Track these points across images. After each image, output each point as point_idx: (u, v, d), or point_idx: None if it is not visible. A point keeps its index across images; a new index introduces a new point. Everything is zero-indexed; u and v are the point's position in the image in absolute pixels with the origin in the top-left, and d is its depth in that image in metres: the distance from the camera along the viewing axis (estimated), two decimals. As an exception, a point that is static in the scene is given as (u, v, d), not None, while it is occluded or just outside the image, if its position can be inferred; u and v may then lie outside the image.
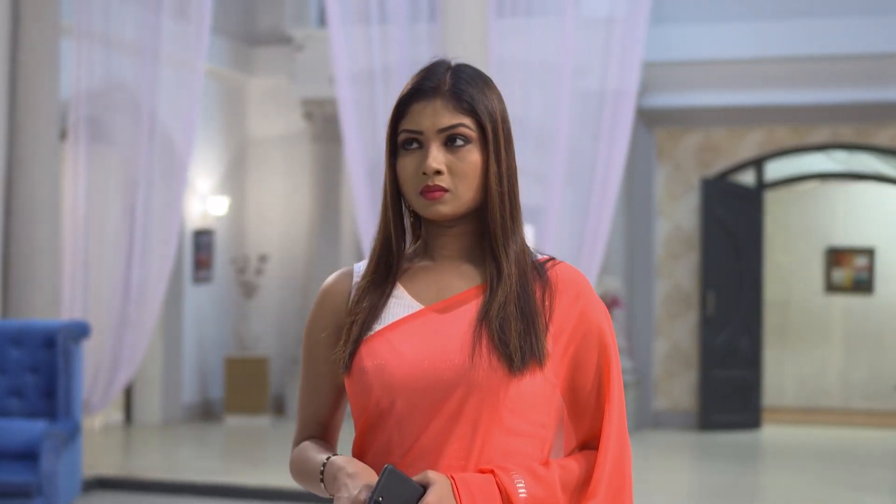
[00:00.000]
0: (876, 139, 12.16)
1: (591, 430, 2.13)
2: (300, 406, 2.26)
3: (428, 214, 2.09)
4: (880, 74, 11.77)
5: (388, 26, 8.44)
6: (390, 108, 7.35)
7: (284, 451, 10.88)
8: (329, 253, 13.01)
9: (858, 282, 15.03)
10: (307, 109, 12.92)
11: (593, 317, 2.12)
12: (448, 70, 2.11)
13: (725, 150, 12.47)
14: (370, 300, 2.12)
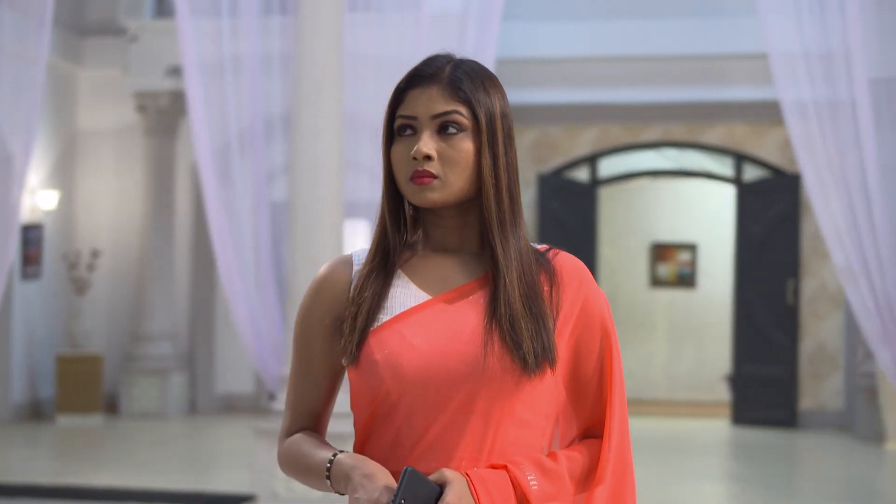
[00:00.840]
0: (705, 138, 12.54)
1: (592, 417, 2.15)
2: (292, 397, 2.21)
3: (417, 201, 2.08)
4: (710, 74, 12.14)
5: (239, 18, 8.34)
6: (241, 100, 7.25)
7: (119, 451, 10.71)
8: (163, 248, 12.79)
9: (682, 276, 15.48)
10: (140, 102, 12.67)
11: (595, 305, 2.14)
12: (450, 62, 2.12)
13: (561, 147, 12.69)
14: (374, 289, 2.10)
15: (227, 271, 8.26)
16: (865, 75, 7.68)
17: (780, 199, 12.30)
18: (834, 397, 12.30)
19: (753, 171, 12.66)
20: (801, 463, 11.06)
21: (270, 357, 8.16)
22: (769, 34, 8.03)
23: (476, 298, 2.09)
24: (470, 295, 2.10)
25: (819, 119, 7.82)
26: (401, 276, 2.13)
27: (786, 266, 12.30)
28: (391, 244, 2.14)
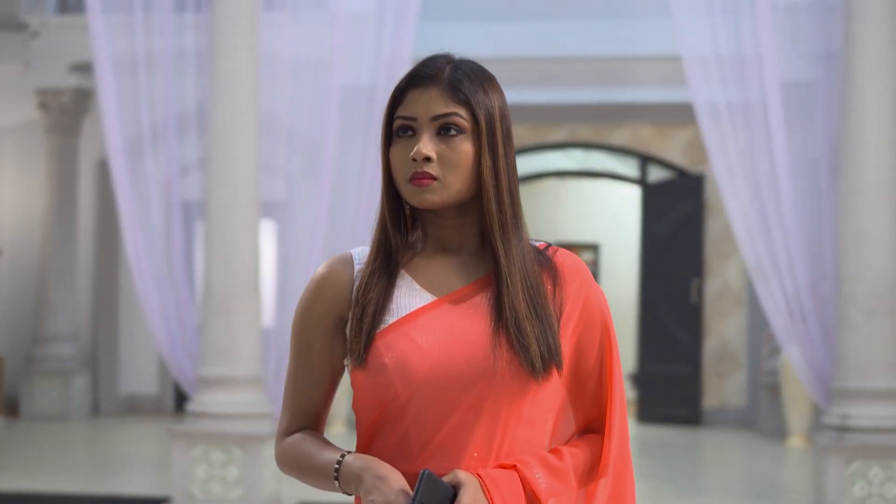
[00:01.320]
0: (611, 139, 12.68)
1: (592, 413, 2.17)
2: (290, 397, 2.19)
3: (415, 202, 2.07)
4: (617, 76, 12.27)
5: (152, 14, 8.23)
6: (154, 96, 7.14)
7: (22, 454, 10.49)
8: (65, 247, 12.58)
9: (585, 276, 15.60)
10: (42, 99, 12.45)
11: (596, 302, 2.15)
12: (449, 62, 2.11)
13: (467, 147, 12.73)
14: (378, 290, 2.09)
15: (138, 270, 8.14)
16: (776, 77, 7.83)
17: (685, 199, 12.49)
18: (737, 395, 12.52)
19: (658, 172, 12.83)
20: (706, 460, 11.24)
21: (185, 358, 8.06)
22: (683, 36, 8.14)
23: (480, 299, 2.09)
24: (475, 295, 2.10)
25: (731, 120, 7.95)
26: (404, 277, 2.12)
27: (690, 266, 12.49)
28: (393, 244, 2.13)
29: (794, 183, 7.84)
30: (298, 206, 8.25)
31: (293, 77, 8.21)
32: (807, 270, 7.84)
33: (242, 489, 7.55)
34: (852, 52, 7.44)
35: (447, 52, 2.14)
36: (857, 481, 7.23)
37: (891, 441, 7.27)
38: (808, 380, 7.82)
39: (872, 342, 7.32)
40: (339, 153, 8.13)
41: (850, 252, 7.39)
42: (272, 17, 8.20)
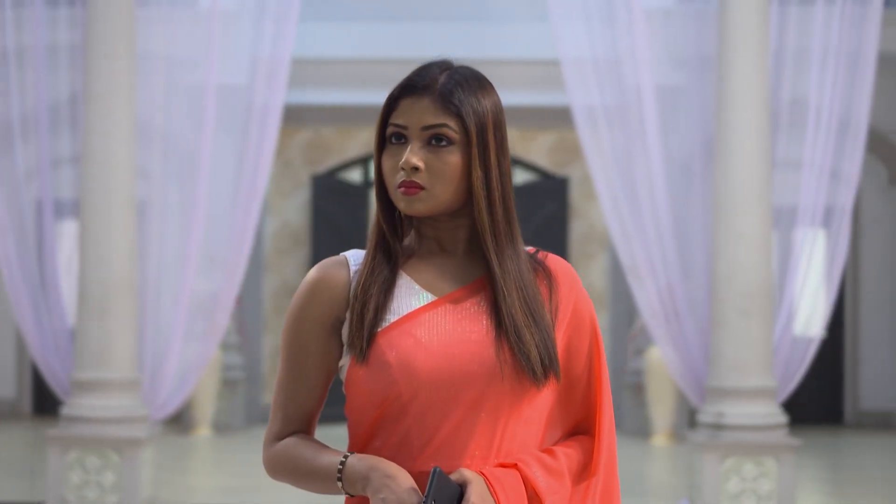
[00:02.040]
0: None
1: (580, 414, 2.20)
2: (283, 400, 2.18)
3: (403, 210, 2.10)
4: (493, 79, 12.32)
5: (23, 9, 8.01)
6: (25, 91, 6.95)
7: None
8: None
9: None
10: None
11: (585, 306, 2.20)
12: (445, 70, 2.13)
13: (334, 148, 12.69)
14: (379, 287, 2.10)
15: (8, 270, 7.91)
16: (651, 81, 7.97)
17: (549, 201, 12.64)
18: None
19: (522, 174, 12.96)
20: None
21: (57, 362, 7.86)
22: (560, 40, 8.23)
23: (478, 301, 2.12)
24: (472, 297, 2.12)
25: (608, 122, 8.08)
26: (403, 277, 2.14)
27: (572, 266, 12.66)
28: (390, 245, 2.15)
29: (668, 184, 8.00)
30: (173, 207, 8.09)
31: (168, 80, 8.06)
32: (680, 271, 8.01)
33: (118, 495, 7.40)
34: (725, 57, 7.62)
35: (445, 59, 2.17)
36: (731, 477, 7.42)
37: (763, 438, 7.47)
38: (683, 379, 7.98)
39: (746, 341, 7.50)
40: (214, 153, 8.01)
41: (723, 253, 7.56)
42: (147, 15, 8.04)
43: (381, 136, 2.14)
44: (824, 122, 7.87)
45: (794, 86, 8.00)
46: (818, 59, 7.92)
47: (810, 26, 7.97)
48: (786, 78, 7.98)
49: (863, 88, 7.90)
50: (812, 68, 7.93)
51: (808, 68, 7.95)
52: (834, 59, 7.88)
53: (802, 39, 8.00)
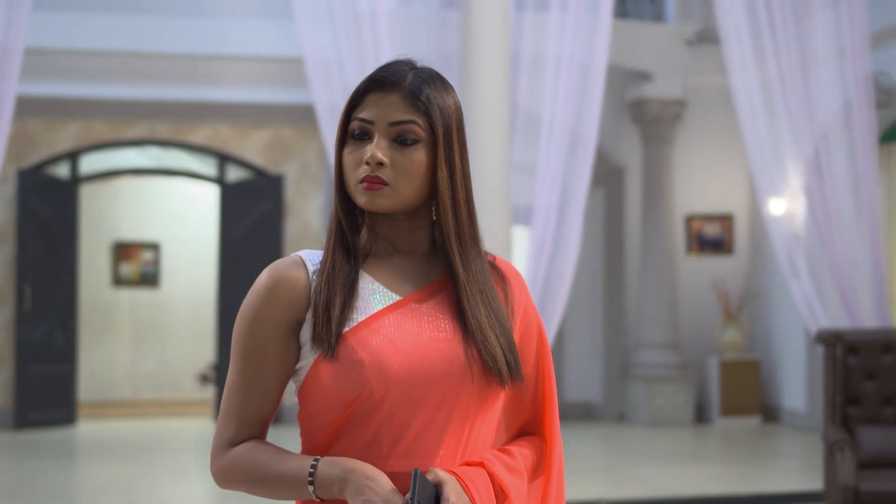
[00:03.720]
0: (191, 137, 12.55)
1: (528, 415, 2.23)
2: (237, 405, 2.09)
3: (364, 205, 2.07)
4: (198, 74, 12.17)
5: None
6: None
7: None
8: None
9: (145, 275, 15.37)
10: None
11: (532, 308, 2.23)
12: (412, 69, 2.11)
13: (41, 142, 12.20)
14: (341, 288, 2.06)
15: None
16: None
17: (264, 199, 12.57)
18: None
19: (237, 172, 12.84)
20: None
21: None
22: (304, 39, 8.24)
23: (441, 301, 2.11)
24: (434, 297, 2.12)
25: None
26: (364, 276, 2.11)
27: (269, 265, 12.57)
28: (350, 244, 2.12)
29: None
30: None
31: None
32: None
33: None
34: (468, 60, 7.81)
35: (408, 58, 2.14)
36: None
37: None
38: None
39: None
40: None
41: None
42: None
43: (342, 131, 2.11)
44: (557, 130, 8.17)
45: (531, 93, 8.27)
46: (552, 67, 8.23)
47: (545, 34, 8.27)
48: (522, 84, 8.23)
49: (593, 97, 8.25)
50: (546, 76, 8.23)
51: (543, 76, 8.25)
52: (567, 67, 8.21)
53: (537, 47, 8.29)
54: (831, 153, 8.79)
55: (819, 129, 8.77)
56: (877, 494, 6.75)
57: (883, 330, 7.85)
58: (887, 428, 7.32)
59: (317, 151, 12.57)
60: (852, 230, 8.85)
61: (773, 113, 8.87)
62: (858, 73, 8.67)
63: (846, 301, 8.69)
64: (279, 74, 12.13)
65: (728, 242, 13.35)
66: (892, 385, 7.42)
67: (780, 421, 12.71)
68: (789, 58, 8.78)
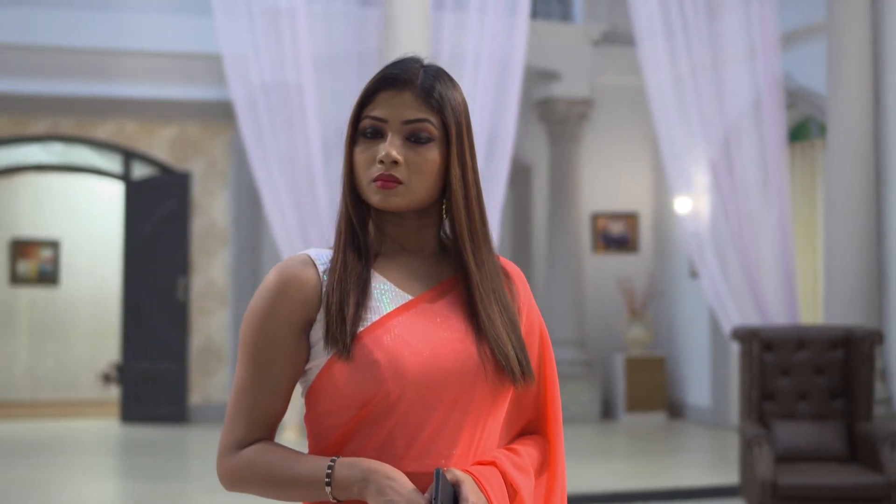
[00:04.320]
0: (95, 133, 12.35)
1: (530, 414, 2.23)
2: (246, 406, 2.06)
3: (378, 203, 2.05)
4: (103, 70, 11.97)
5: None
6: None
7: None
8: None
9: (44, 273, 15.09)
10: None
11: (534, 308, 2.23)
12: (421, 66, 2.09)
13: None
14: (354, 287, 2.04)
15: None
16: (312, 78, 8.06)
17: (170, 197, 12.42)
18: (222, 391, 12.63)
19: (143, 168, 12.67)
20: (198, 456, 11.22)
21: None
22: (221, 35, 8.18)
23: (452, 301, 2.10)
24: (445, 296, 2.11)
25: (270, 118, 8.09)
26: (375, 276, 2.09)
27: (175, 263, 12.44)
28: (361, 242, 2.10)
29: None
30: None
31: None
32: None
33: None
34: (387, 56, 7.80)
35: (415, 55, 2.13)
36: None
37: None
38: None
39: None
40: None
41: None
42: None
43: (353, 129, 2.09)
44: (476, 130, 8.22)
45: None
46: (471, 67, 8.26)
47: (463, 34, 8.30)
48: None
49: (510, 98, 8.31)
50: (465, 76, 8.27)
51: (461, 76, 8.28)
52: (485, 67, 8.24)
53: (456, 47, 8.32)
54: (742, 151, 8.96)
55: (730, 126, 8.92)
56: (795, 487, 6.89)
57: (797, 327, 8.01)
58: (801, 423, 7.48)
59: (224, 148, 12.45)
60: (762, 228, 9.02)
61: (686, 111, 9.01)
62: (768, 73, 8.85)
63: (757, 298, 8.85)
64: (186, 70, 11.99)
65: (633, 240, 13.51)
66: (805, 381, 7.58)
67: (685, 417, 12.90)
68: (701, 56, 8.92)
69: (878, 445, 7.05)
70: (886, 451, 7.02)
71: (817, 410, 7.55)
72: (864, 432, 7.29)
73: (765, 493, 6.89)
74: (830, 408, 7.55)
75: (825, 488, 6.92)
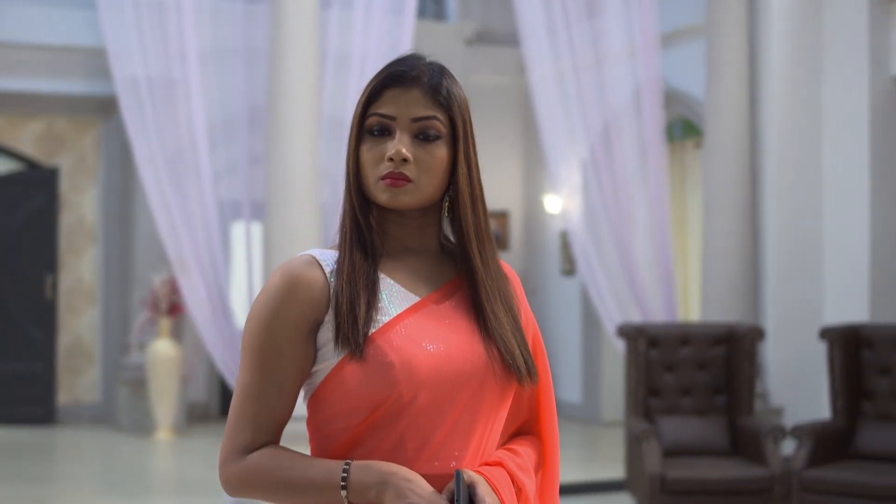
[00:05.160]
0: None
1: (526, 415, 2.22)
2: (250, 410, 2.02)
3: (387, 202, 2.04)
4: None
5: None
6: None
7: None
8: None
9: None
10: None
11: (528, 308, 2.24)
12: (426, 63, 2.08)
13: None
14: (363, 288, 2.02)
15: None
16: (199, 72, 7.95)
17: (37, 193, 12.12)
18: (91, 391, 12.38)
19: (8, 163, 12.34)
20: (67, 458, 10.99)
21: None
22: (106, 29, 8.04)
23: (457, 300, 2.10)
24: (450, 297, 2.10)
25: (154, 107, 7.97)
26: (382, 276, 2.07)
27: (43, 261, 12.15)
28: (368, 242, 2.08)
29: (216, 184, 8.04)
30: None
31: None
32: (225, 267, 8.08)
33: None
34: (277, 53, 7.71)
35: (416, 51, 2.13)
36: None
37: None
38: (231, 372, 8.01)
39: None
40: None
41: (280, 247, 7.64)
42: None
43: (358, 126, 2.07)
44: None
45: (335, 95, 8.25)
46: (357, 67, 8.23)
47: (350, 32, 8.27)
48: (327, 86, 8.20)
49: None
50: (352, 74, 8.24)
51: (348, 76, 8.25)
52: (372, 68, 8.22)
53: (343, 44, 8.29)
54: (623, 149, 9.11)
55: (611, 123, 9.07)
56: (684, 481, 7.05)
57: (680, 324, 8.19)
58: (685, 418, 7.65)
59: (94, 144, 12.20)
60: (641, 226, 9.19)
61: (568, 108, 9.13)
62: (648, 72, 9.02)
63: (637, 296, 9.02)
64: (54, 63, 11.69)
65: (504, 238, 13.63)
66: (689, 377, 7.75)
67: (558, 413, 13.04)
68: (584, 54, 9.05)
69: (762, 439, 7.25)
70: (770, 445, 7.22)
71: (700, 406, 7.73)
72: (747, 427, 7.49)
73: (654, 487, 7.03)
74: (713, 403, 7.74)
75: (712, 482, 7.10)
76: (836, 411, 7.51)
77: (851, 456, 7.36)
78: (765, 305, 9.10)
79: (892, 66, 8.71)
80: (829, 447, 7.30)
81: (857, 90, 8.73)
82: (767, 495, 7.10)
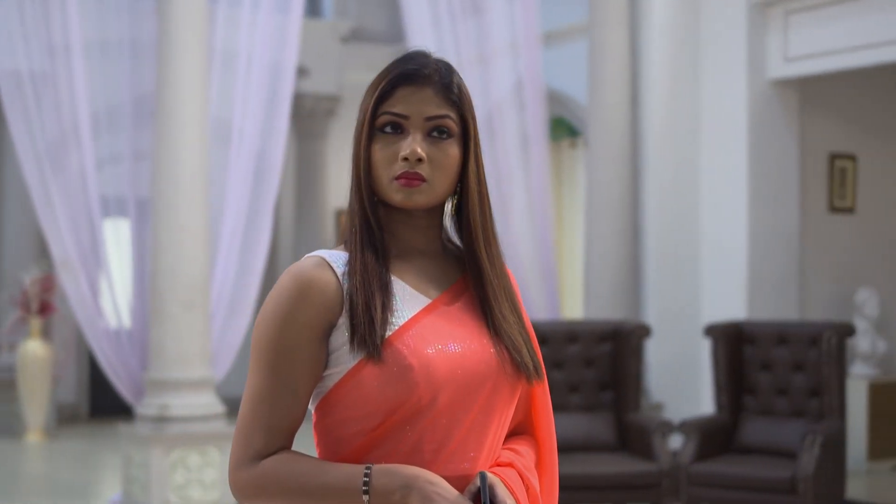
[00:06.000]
0: None
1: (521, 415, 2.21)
2: (263, 415, 1.98)
3: (401, 202, 2.02)
4: None
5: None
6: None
7: None
8: None
9: None
10: None
11: (523, 306, 2.23)
12: (435, 61, 2.08)
13: None
14: (377, 291, 2.00)
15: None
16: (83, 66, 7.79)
17: None
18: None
19: None
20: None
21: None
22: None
23: (466, 301, 2.09)
24: (459, 298, 2.09)
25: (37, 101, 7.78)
26: (394, 278, 2.05)
27: None
28: (379, 242, 2.06)
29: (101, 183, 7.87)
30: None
31: None
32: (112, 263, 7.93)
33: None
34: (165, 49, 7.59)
35: (426, 49, 2.11)
36: (178, 469, 7.45)
37: (206, 428, 7.57)
38: (115, 373, 7.85)
39: (189, 334, 7.55)
40: None
41: (168, 246, 7.54)
42: None
43: (369, 125, 2.05)
44: (247, 133, 8.09)
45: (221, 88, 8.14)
46: (244, 63, 8.13)
47: (237, 29, 8.16)
48: (213, 86, 8.07)
49: (283, 99, 8.22)
50: (239, 72, 8.13)
51: (236, 71, 8.14)
52: (258, 64, 8.14)
53: (230, 42, 8.17)
54: (506, 142, 9.17)
55: (494, 117, 9.12)
56: (572, 477, 7.10)
57: (568, 321, 8.31)
58: (573, 415, 7.75)
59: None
60: (523, 223, 9.26)
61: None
62: (530, 68, 9.11)
63: (521, 293, 9.09)
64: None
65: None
66: (576, 374, 7.85)
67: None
68: (468, 51, 9.10)
69: (650, 435, 7.38)
70: (658, 440, 7.35)
71: (588, 402, 7.83)
72: (634, 422, 7.62)
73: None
74: (600, 400, 7.85)
75: (601, 477, 7.20)
76: (720, 406, 7.69)
77: (735, 449, 7.55)
78: (646, 303, 9.27)
79: (769, 68, 8.96)
80: (714, 441, 7.47)
81: (735, 92, 8.96)
82: (656, 490, 7.22)
